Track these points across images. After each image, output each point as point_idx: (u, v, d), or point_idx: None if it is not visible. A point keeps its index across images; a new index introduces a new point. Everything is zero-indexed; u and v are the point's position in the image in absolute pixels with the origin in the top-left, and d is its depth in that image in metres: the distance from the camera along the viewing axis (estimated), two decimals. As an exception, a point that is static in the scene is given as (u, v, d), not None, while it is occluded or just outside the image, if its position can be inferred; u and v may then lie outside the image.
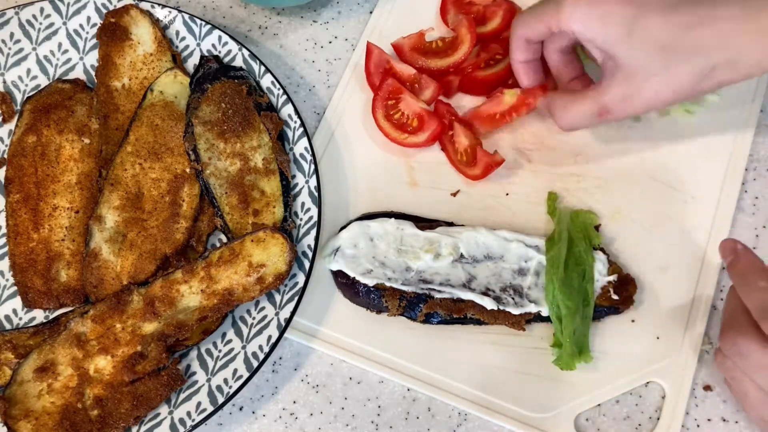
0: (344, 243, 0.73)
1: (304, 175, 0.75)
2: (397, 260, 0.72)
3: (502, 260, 0.72)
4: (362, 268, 0.72)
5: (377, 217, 0.74)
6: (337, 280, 0.74)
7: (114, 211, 0.73)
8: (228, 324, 0.71)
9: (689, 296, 0.72)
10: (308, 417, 0.71)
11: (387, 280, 0.71)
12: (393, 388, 0.71)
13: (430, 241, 0.72)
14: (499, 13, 0.82)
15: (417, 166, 0.79)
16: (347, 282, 0.72)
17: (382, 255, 0.72)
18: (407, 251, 0.72)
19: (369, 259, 0.72)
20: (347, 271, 0.72)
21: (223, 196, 0.73)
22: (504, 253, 0.72)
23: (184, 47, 0.82)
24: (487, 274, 0.71)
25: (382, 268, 0.72)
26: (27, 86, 0.82)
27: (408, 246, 0.72)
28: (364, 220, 0.74)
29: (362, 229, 0.73)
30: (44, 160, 0.76)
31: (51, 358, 0.67)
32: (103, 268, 0.71)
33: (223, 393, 0.67)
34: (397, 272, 0.72)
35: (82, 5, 0.82)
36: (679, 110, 0.79)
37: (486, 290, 0.71)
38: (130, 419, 0.66)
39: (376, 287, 0.71)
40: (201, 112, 0.75)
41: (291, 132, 0.77)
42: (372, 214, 0.76)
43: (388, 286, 0.71)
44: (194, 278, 0.68)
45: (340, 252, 0.73)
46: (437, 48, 0.82)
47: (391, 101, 0.79)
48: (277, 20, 0.88)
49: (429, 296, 0.71)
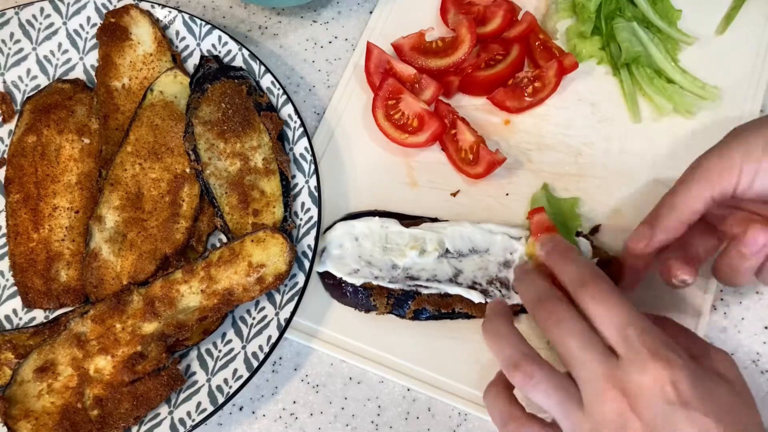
0: (330, 244, 0.73)
1: (304, 175, 0.75)
2: (383, 258, 0.72)
3: (487, 253, 0.72)
4: (349, 268, 0.72)
5: (362, 216, 0.74)
6: (324, 282, 0.74)
7: (114, 211, 0.73)
8: (228, 324, 0.71)
9: (689, 296, 0.72)
10: (308, 417, 0.71)
11: (374, 279, 0.71)
12: (393, 388, 0.71)
13: (415, 238, 0.72)
14: (499, 14, 0.82)
15: (417, 166, 0.79)
16: (334, 282, 0.72)
17: (368, 254, 0.72)
18: (393, 249, 0.72)
19: (355, 258, 0.72)
20: (334, 271, 0.72)
21: (223, 196, 0.73)
22: (489, 246, 0.72)
23: (184, 47, 0.82)
24: (473, 267, 0.71)
25: (369, 267, 0.72)
26: (27, 86, 0.82)
27: (393, 244, 0.72)
28: (348, 219, 0.74)
29: (347, 228, 0.73)
30: (44, 160, 0.76)
31: (51, 358, 0.67)
32: (103, 268, 0.71)
33: (223, 393, 0.67)
34: (384, 270, 0.72)
35: (82, 5, 0.82)
36: (680, 110, 0.79)
37: (473, 284, 0.71)
38: (130, 419, 0.66)
39: (363, 286, 0.72)
40: (201, 112, 0.75)
41: (291, 132, 0.77)
42: (356, 213, 0.76)
43: (376, 284, 0.71)
44: (194, 278, 0.68)
45: (326, 253, 0.73)
46: (437, 48, 0.82)
47: (391, 101, 0.79)
48: (277, 20, 0.88)
49: (416, 293, 0.71)
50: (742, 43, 0.83)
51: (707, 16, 0.84)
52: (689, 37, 0.82)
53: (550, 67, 0.79)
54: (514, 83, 0.80)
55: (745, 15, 0.84)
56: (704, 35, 0.83)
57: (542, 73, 0.80)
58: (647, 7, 0.82)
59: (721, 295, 0.73)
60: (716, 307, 0.72)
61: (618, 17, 0.82)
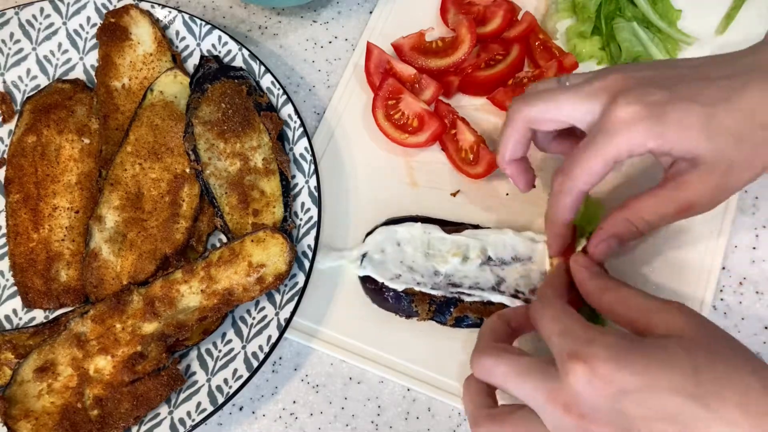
0: (371, 248, 0.72)
1: (304, 175, 0.75)
2: (426, 264, 0.71)
3: (530, 261, 0.71)
4: (390, 273, 0.71)
5: (403, 221, 0.74)
6: (365, 286, 0.73)
7: (114, 211, 0.73)
8: (228, 324, 0.71)
9: (689, 296, 0.72)
10: (308, 417, 0.71)
11: (416, 285, 0.71)
12: (393, 388, 0.71)
13: (458, 245, 0.72)
14: (499, 14, 0.82)
15: (417, 166, 0.79)
16: (376, 288, 0.72)
17: (410, 259, 0.72)
18: (434, 255, 0.72)
19: (397, 264, 0.72)
20: (375, 276, 0.71)
21: (223, 196, 0.73)
22: (531, 254, 0.71)
23: (184, 47, 0.82)
24: (515, 276, 0.71)
25: (411, 273, 0.71)
26: (27, 86, 0.82)
27: (435, 250, 0.72)
28: (390, 224, 0.74)
29: (389, 233, 0.73)
30: (44, 160, 0.76)
31: (51, 358, 0.67)
32: (103, 268, 0.71)
33: (223, 393, 0.67)
34: (426, 276, 0.71)
35: (82, 5, 0.82)
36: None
37: (516, 292, 0.70)
38: (130, 419, 0.66)
39: (405, 292, 0.71)
40: (201, 112, 0.75)
41: (291, 132, 0.77)
42: (397, 218, 0.75)
43: (417, 290, 0.71)
44: (194, 278, 0.68)
45: (367, 258, 0.72)
46: (437, 48, 0.82)
47: (391, 101, 0.79)
48: (277, 20, 0.88)
49: (459, 300, 0.70)
50: (742, 43, 0.83)
51: (707, 16, 0.84)
52: (689, 37, 0.82)
53: (550, 67, 0.79)
54: (515, 83, 0.80)
55: (745, 15, 0.84)
56: (704, 35, 0.83)
57: (542, 73, 0.80)
58: (647, 7, 0.82)
59: (721, 295, 0.73)
60: (716, 307, 0.72)
61: (618, 17, 0.82)
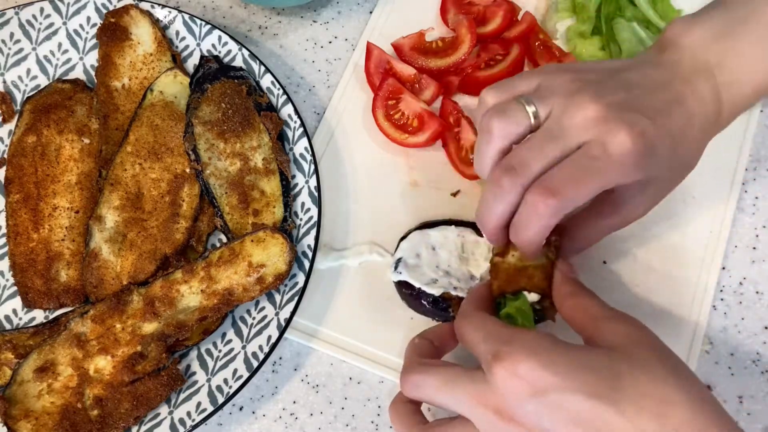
0: (406, 254, 0.71)
1: (304, 175, 0.75)
2: (461, 268, 0.70)
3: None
4: (426, 278, 0.70)
5: (437, 225, 0.73)
6: (401, 292, 0.72)
7: (114, 211, 0.73)
8: (228, 324, 0.71)
9: (689, 296, 0.72)
10: (308, 417, 0.71)
11: (453, 289, 0.69)
12: (393, 388, 0.71)
13: (491, 248, 0.71)
14: (499, 14, 0.82)
15: (417, 166, 0.79)
16: (412, 293, 0.70)
17: (446, 264, 0.70)
18: (468, 258, 0.71)
19: (432, 268, 0.70)
20: (412, 281, 0.70)
21: (223, 196, 0.73)
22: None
23: (184, 47, 0.82)
24: None
25: (447, 277, 0.70)
26: (27, 86, 0.82)
27: (469, 253, 0.71)
28: (423, 228, 0.73)
29: (422, 238, 0.72)
30: (44, 160, 0.76)
31: (51, 358, 0.67)
32: (103, 268, 0.71)
33: (223, 393, 0.67)
34: (462, 281, 0.70)
35: (82, 5, 0.82)
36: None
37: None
38: (130, 419, 0.66)
39: (442, 297, 0.70)
40: (201, 112, 0.75)
41: (291, 132, 0.77)
42: (431, 222, 0.74)
43: (454, 295, 0.69)
44: (194, 278, 0.68)
45: (402, 263, 0.71)
46: (437, 48, 0.82)
47: (391, 101, 0.79)
48: (277, 20, 0.88)
49: None
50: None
51: (707, 16, 0.84)
52: (689, 37, 0.82)
53: (550, 67, 0.79)
54: (514, 83, 0.80)
55: (745, 15, 0.84)
56: (704, 35, 0.83)
57: (542, 73, 0.80)
58: (647, 7, 0.82)
59: (721, 295, 0.73)
60: (716, 307, 0.72)
61: (618, 17, 0.82)
